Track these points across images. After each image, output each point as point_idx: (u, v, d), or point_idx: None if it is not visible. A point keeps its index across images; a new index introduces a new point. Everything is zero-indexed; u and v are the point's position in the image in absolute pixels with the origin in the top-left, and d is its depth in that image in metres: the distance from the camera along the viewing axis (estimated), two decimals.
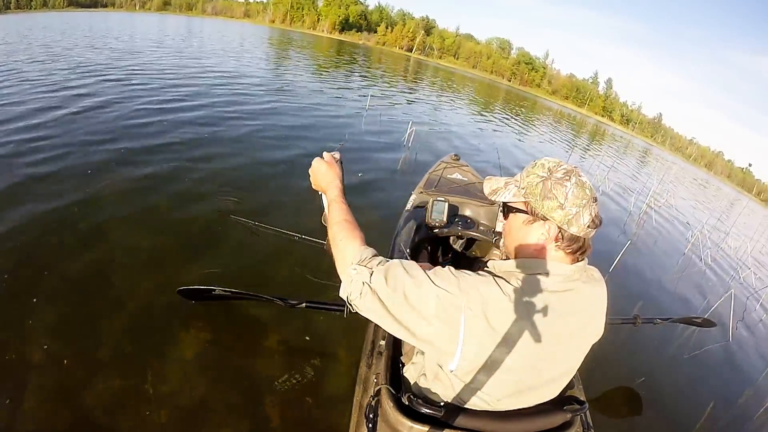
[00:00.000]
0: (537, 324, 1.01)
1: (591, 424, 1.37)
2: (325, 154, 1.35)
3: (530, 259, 1.08)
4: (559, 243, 1.06)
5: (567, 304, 1.06)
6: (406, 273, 1.03)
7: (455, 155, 3.95)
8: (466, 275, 1.04)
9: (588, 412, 1.34)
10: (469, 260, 2.95)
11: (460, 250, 2.91)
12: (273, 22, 78.38)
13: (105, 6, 66.59)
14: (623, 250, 4.76)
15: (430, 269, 1.07)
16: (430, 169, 3.69)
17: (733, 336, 4.32)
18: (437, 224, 2.67)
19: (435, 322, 1.00)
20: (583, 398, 1.35)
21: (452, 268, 1.07)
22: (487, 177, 1.24)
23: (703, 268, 6.46)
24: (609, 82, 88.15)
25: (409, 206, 3.07)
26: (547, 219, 1.06)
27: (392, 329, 1.05)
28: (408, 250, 2.50)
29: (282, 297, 2.06)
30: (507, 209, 1.16)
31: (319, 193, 1.37)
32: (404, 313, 1.01)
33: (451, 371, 1.06)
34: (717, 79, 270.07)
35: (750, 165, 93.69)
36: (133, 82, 8.14)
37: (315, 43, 38.89)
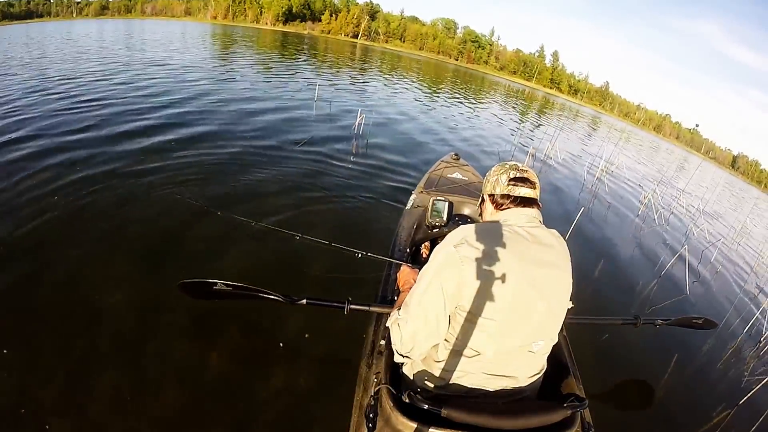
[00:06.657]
0: (510, 256, 1.19)
1: (591, 424, 1.38)
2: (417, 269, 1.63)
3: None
4: (501, 204, 1.36)
5: (539, 237, 1.26)
6: (411, 300, 1.28)
7: (455, 155, 3.95)
8: (437, 249, 1.29)
9: (588, 411, 1.39)
10: None
11: None
12: (215, 18, 75.58)
13: (41, 16, 62.80)
14: (577, 217, 4.79)
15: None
16: (431, 168, 3.73)
17: (690, 290, 4.44)
18: (437, 223, 2.75)
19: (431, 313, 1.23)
20: (583, 396, 1.40)
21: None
22: None
23: (657, 229, 6.65)
24: (555, 54, 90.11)
25: (409, 206, 3.12)
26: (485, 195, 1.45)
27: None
28: (408, 250, 2.53)
29: (283, 293, 2.01)
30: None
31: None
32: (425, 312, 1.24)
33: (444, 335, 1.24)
34: (657, 45, 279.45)
35: (697, 126, 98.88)
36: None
37: (259, 37, 37.78)
